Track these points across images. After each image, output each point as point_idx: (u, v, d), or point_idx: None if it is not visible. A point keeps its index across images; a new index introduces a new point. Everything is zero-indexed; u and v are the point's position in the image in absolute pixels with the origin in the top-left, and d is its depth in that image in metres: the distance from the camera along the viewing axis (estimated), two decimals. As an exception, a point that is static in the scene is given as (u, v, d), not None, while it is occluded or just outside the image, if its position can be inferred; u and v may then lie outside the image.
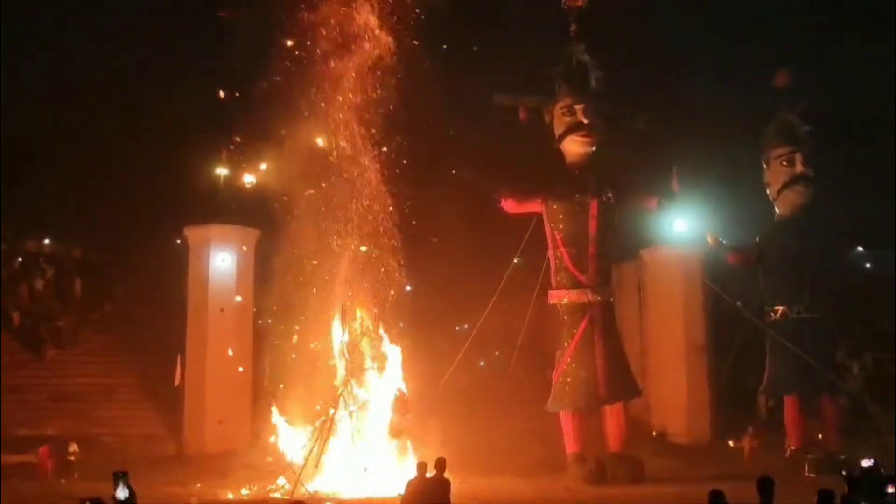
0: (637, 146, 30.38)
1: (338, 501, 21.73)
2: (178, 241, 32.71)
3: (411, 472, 16.65)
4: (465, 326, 30.49)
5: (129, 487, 11.35)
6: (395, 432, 24.59)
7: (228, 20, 28.15)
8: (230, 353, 30.72)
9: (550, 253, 26.48)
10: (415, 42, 25.32)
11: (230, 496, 23.14)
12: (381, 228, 25.48)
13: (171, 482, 24.07)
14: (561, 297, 26.17)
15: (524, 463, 26.13)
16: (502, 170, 28.12)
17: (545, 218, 26.39)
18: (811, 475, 24.97)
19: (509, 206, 26.61)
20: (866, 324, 43.51)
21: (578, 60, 26.69)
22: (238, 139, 30.33)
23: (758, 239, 29.19)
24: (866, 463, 13.97)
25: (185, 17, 34.97)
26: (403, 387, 25.41)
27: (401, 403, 25.08)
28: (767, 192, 29.03)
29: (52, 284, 35.10)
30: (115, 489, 11.26)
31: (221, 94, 30.92)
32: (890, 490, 10.94)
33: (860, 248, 31.69)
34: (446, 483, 14.33)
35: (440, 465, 14.47)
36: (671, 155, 30.92)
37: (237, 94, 30.06)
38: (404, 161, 25.86)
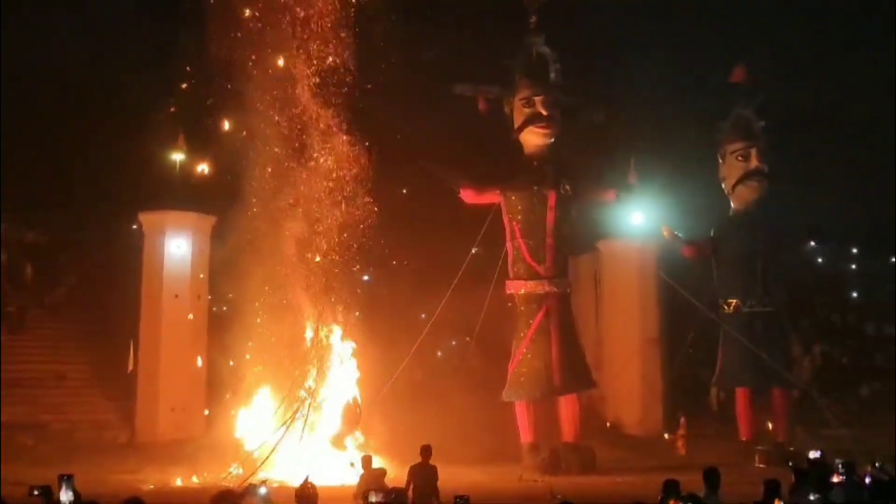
0: (595, 139, 30.55)
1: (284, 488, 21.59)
2: (133, 227, 32.33)
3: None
4: (423, 316, 30.49)
5: (73, 490, 11.01)
6: (339, 445, 24.52)
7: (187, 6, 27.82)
8: (185, 339, 30.46)
9: (508, 244, 26.60)
10: (374, 31, 25.21)
11: (179, 482, 23.00)
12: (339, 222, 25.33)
13: (123, 470, 23.85)
14: (518, 288, 26.30)
15: (479, 452, 26.21)
16: (461, 160, 28.15)
17: (503, 209, 26.48)
18: (760, 466, 25.35)
19: (468, 196, 26.67)
20: (818, 318, 44.29)
21: (538, 52, 26.81)
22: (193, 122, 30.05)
23: (712, 232, 29.50)
24: (814, 454, 14.24)
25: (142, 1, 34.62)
26: (357, 394, 25.28)
27: (352, 415, 24.94)
28: (723, 186, 29.33)
29: (3, 269, 34.52)
30: (58, 491, 10.89)
31: (184, 86, 30.55)
32: (835, 480, 11.13)
33: (812, 243, 32.09)
34: (434, 469, 15.32)
35: (426, 451, 15.43)
36: (629, 148, 31.24)
37: (193, 81, 29.75)
38: (366, 146, 25.72)
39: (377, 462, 18.54)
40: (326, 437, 24.60)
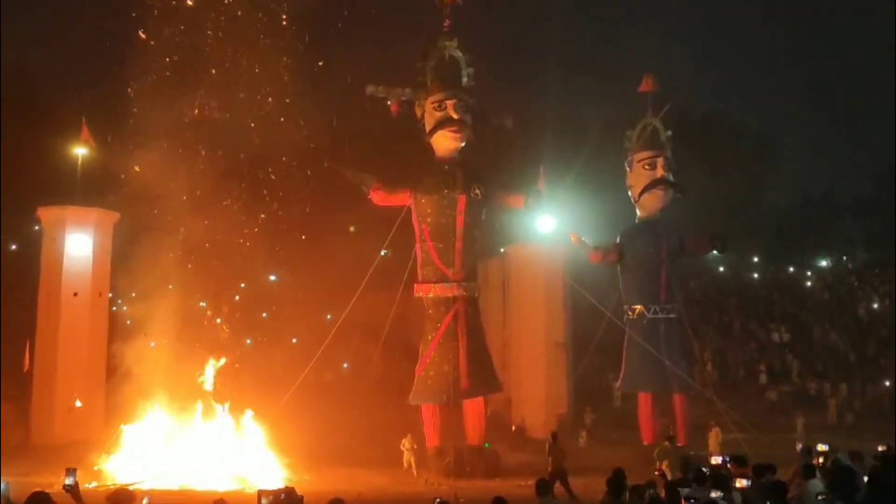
0: (506, 144, 30.70)
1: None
2: (36, 228, 31.40)
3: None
4: (329, 317, 30.23)
5: None
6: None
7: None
8: (84, 338, 29.64)
9: (418, 246, 26.57)
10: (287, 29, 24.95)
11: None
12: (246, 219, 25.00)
13: (15, 472, 22.98)
14: (427, 291, 26.28)
15: (385, 455, 26.12)
16: (372, 162, 28.00)
17: (413, 212, 26.43)
18: (662, 470, 25.70)
19: (378, 198, 26.53)
20: (720, 324, 45.36)
21: (451, 56, 26.83)
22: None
23: (618, 239, 29.91)
24: (716, 459, 14.49)
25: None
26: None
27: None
28: (629, 193, 29.76)
29: None
30: None
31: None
32: (738, 485, 11.30)
33: (714, 252, 32.75)
34: None
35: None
36: (539, 154, 31.47)
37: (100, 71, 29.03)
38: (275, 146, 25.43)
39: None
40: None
